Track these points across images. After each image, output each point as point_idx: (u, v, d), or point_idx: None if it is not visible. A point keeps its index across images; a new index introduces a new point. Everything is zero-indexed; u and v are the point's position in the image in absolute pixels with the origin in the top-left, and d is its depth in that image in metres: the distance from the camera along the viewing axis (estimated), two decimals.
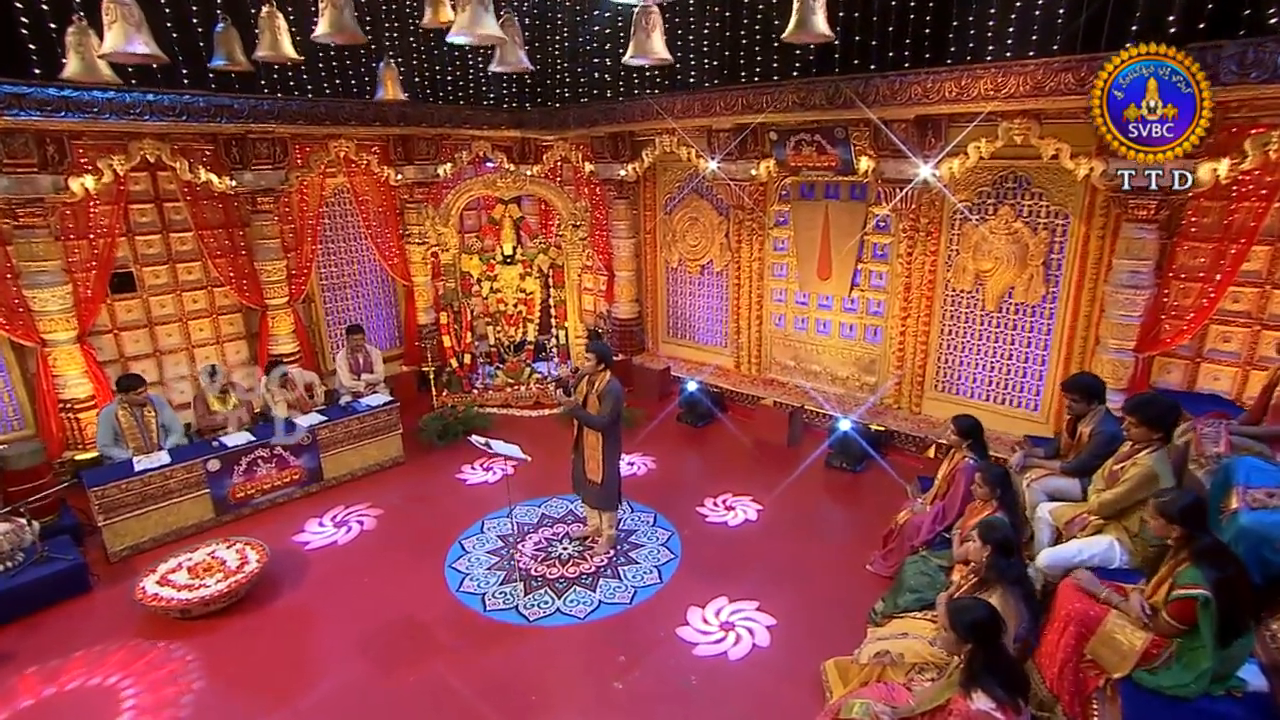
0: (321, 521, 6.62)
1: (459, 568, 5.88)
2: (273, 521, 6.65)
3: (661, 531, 6.30)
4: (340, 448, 7.30)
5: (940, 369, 7.86)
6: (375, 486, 7.28)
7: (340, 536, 6.41)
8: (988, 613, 3.29)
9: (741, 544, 6.07)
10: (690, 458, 7.98)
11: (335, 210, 9.42)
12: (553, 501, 6.88)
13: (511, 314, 9.45)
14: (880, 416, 7.96)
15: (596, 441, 5.70)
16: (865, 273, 8.21)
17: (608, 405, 5.52)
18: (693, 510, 6.59)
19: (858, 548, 5.93)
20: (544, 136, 10.29)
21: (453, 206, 8.98)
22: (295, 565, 5.98)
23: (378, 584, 5.72)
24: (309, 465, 7.09)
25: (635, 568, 5.78)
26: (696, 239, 9.63)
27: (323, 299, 9.47)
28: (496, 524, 6.53)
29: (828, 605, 5.26)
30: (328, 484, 7.25)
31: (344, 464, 7.35)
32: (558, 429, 8.54)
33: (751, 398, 8.90)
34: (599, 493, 5.82)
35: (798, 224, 8.52)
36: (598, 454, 5.72)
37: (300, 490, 7.07)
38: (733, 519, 6.48)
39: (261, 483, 6.83)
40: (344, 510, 6.81)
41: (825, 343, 8.72)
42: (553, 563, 5.89)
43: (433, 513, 6.73)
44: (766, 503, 6.72)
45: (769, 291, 9.11)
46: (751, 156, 8.31)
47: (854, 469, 7.34)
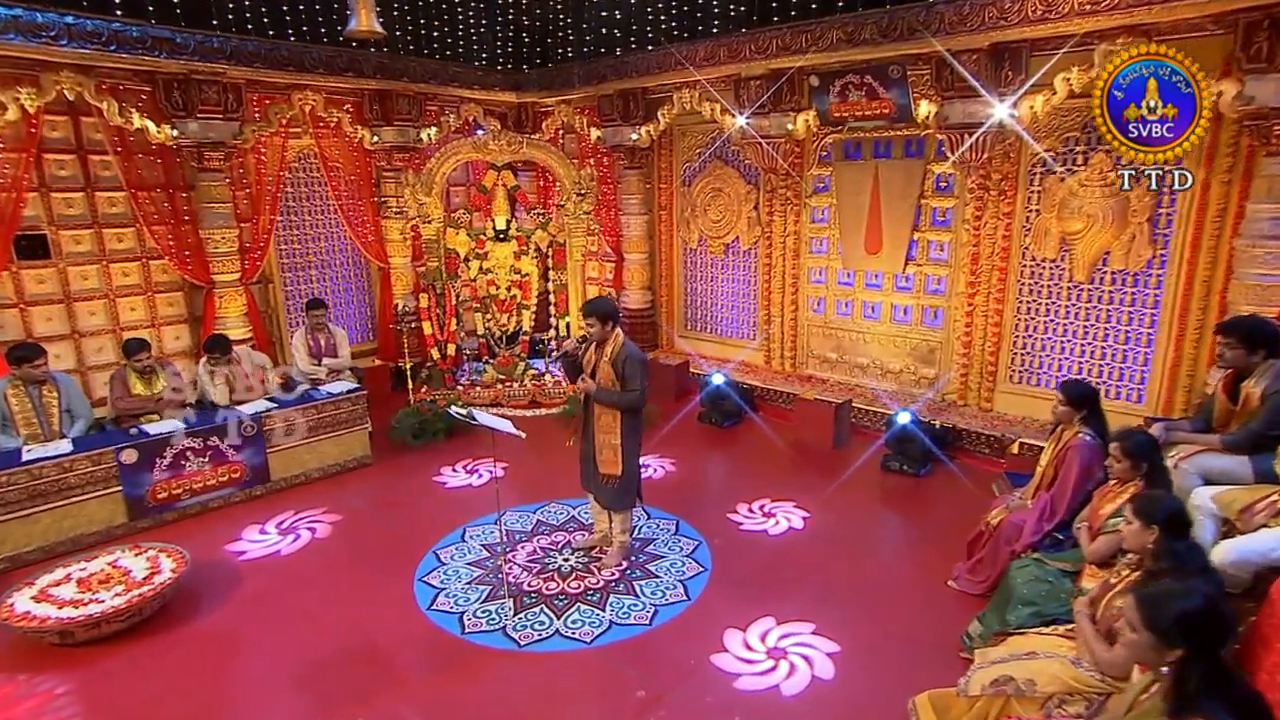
0: (264, 529, 5.84)
1: (432, 582, 5.10)
2: (203, 528, 5.86)
3: (686, 540, 5.55)
4: (292, 442, 6.50)
5: (1016, 356, 7.11)
6: (334, 489, 6.53)
7: (285, 545, 5.63)
8: (1205, 602, 2.35)
9: (786, 556, 5.36)
10: (716, 460, 7.29)
11: (299, 176, 8.77)
12: (550, 506, 6.16)
13: (504, 299, 8.75)
14: (943, 414, 7.17)
15: (613, 424, 4.91)
16: (923, 244, 7.53)
17: (634, 375, 4.75)
18: (723, 517, 5.90)
19: (932, 560, 5.21)
20: (544, 100, 9.75)
21: (437, 172, 8.30)
22: (224, 578, 5.17)
23: (328, 601, 4.92)
24: (252, 462, 6.26)
25: (655, 582, 5.01)
26: (720, 213, 9.02)
27: (282, 280, 8.74)
28: (481, 532, 5.77)
29: (903, 628, 4.51)
30: (275, 486, 6.44)
31: (296, 462, 6.54)
32: (558, 430, 7.81)
33: (787, 396, 8.15)
34: (614, 489, 5.05)
35: (841, 189, 7.89)
36: (614, 440, 4.92)
37: (241, 492, 6.25)
38: (773, 527, 5.76)
39: (191, 481, 5.97)
40: (293, 516, 6.05)
41: (874, 329, 8.01)
42: (551, 576, 5.13)
43: (403, 519, 5.99)
44: (814, 509, 5.99)
45: (806, 272, 8.46)
46: (787, 109, 7.68)
47: (916, 472, 6.58)
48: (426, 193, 8.20)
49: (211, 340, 6.64)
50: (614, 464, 4.94)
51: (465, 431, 7.53)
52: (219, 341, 6.59)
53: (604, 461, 4.97)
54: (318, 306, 7.42)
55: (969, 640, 4.21)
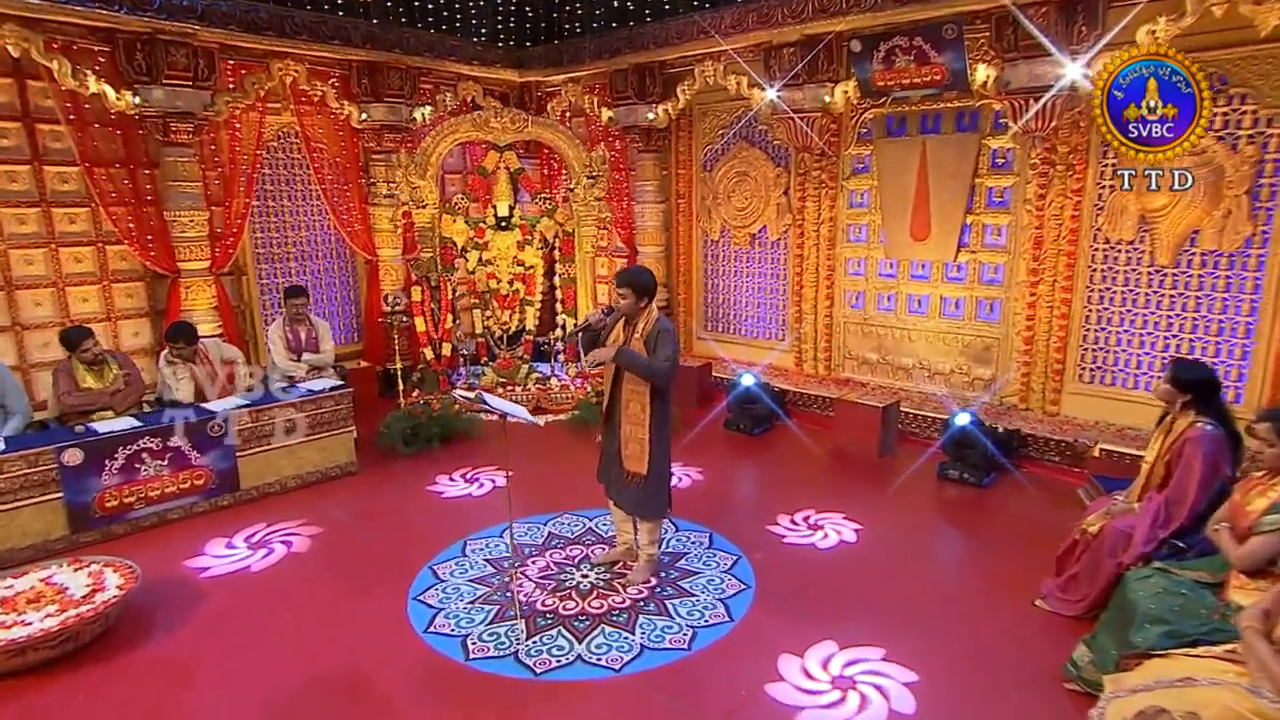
0: (231, 542, 5.35)
1: (429, 601, 4.62)
2: (160, 541, 5.34)
3: (722, 555, 5.11)
4: (266, 446, 6.01)
5: (1086, 352, 6.65)
6: (314, 499, 6.04)
7: (255, 561, 5.13)
8: None
9: (840, 572, 4.93)
10: (748, 469, 6.87)
11: (278, 157, 8.34)
12: (563, 518, 5.70)
13: (506, 293, 8.33)
14: (1003, 419, 6.67)
15: (642, 413, 4.44)
16: (976, 228, 7.12)
17: (665, 344, 4.32)
18: (763, 529, 5.48)
19: (1011, 577, 4.77)
20: (550, 78, 9.36)
21: (432, 152, 7.93)
22: (181, 597, 4.65)
23: (306, 623, 4.41)
24: (219, 467, 5.77)
25: (691, 601, 4.55)
26: (746, 199, 8.67)
27: (257, 272, 8.28)
28: (484, 545, 5.32)
29: (990, 655, 4.05)
30: (246, 495, 5.94)
31: (270, 468, 6.05)
32: (566, 437, 7.41)
33: (822, 401, 7.74)
34: (640, 491, 4.57)
35: (883, 169, 7.52)
36: (643, 431, 4.45)
37: (205, 501, 5.75)
38: (822, 541, 5.34)
39: (147, 488, 5.46)
40: (265, 529, 5.55)
41: (921, 326, 7.60)
42: (568, 594, 4.66)
43: (394, 533, 5.52)
44: (866, 521, 5.57)
45: (842, 263, 8.08)
46: (823, 80, 7.27)
47: (979, 481, 6.14)
48: (421, 175, 7.83)
49: (175, 328, 6.14)
50: (640, 460, 4.49)
51: (464, 437, 7.16)
52: (183, 330, 6.09)
53: (630, 457, 4.52)
54: (298, 294, 6.93)
55: (1075, 668, 3.78)
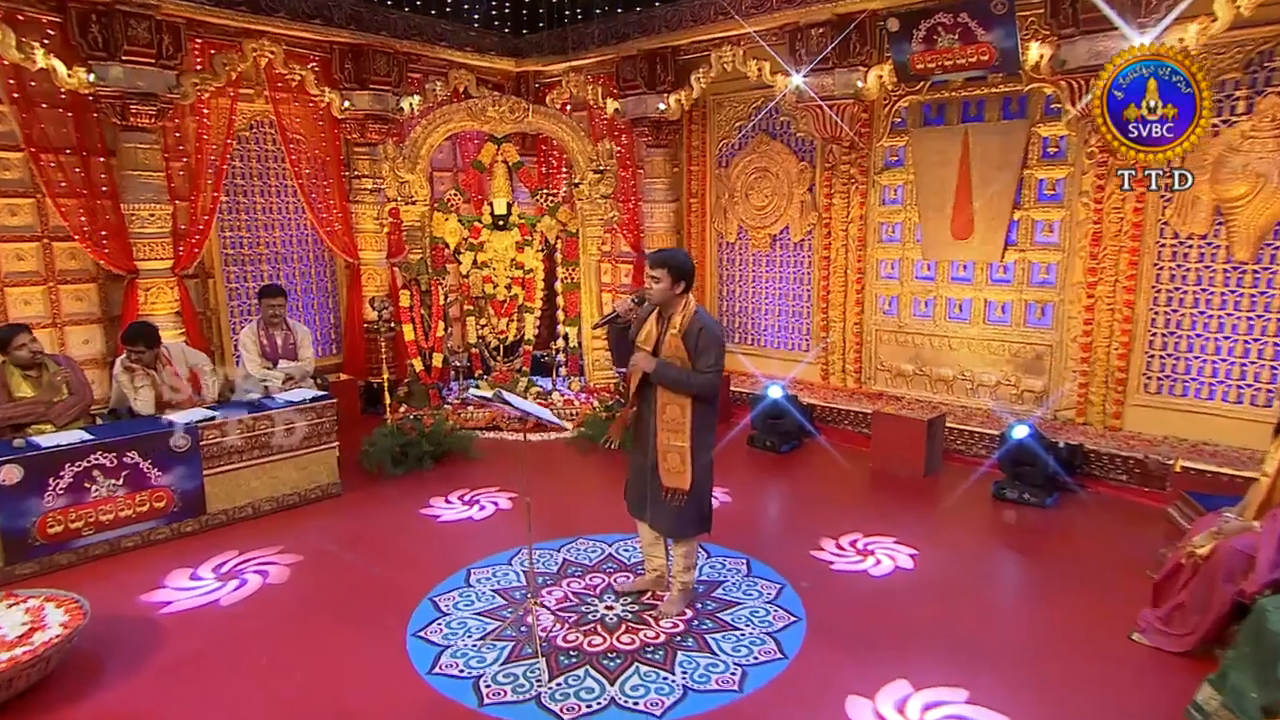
0: (197, 573, 4.94)
1: (432, 638, 4.24)
2: (112, 573, 4.93)
3: (765, 584, 4.80)
4: (237, 464, 5.62)
5: (1153, 360, 6.40)
6: (292, 525, 5.66)
7: (225, 594, 4.72)
8: None
9: (901, 602, 4.62)
10: (780, 489, 6.59)
11: (250, 149, 8.08)
12: (578, 543, 5.37)
13: (503, 299, 8.09)
14: (1059, 435, 6.42)
15: (682, 419, 4.09)
16: (1026, 225, 6.92)
17: (709, 351, 3.99)
18: (806, 555, 5.19)
19: (1098, 608, 4.46)
20: (549, 67, 9.23)
21: (423, 144, 7.69)
22: (138, 637, 4.23)
23: (287, 665, 4.01)
24: (183, 488, 5.37)
25: (735, 636, 4.22)
26: (766, 198, 8.52)
27: (225, 275, 7.96)
28: (490, 574, 4.97)
29: (1090, 697, 3.72)
30: (213, 520, 5.54)
31: (241, 489, 5.66)
32: (574, 456, 7.08)
33: (854, 416, 7.51)
34: (678, 510, 4.21)
35: (921, 162, 7.36)
36: (683, 439, 4.10)
37: (166, 527, 5.34)
38: (874, 567, 5.04)
39: (98, 511, 5.05)
40: (236, 557, 5.16)
41: (962, 333, 7.40)
42: (592, 628, 4.30)
43: (386, 561, 5.15)
44: (921, 546, 5.28)
45: (874, 265, 7.92)
46: (855, 63, 7.09)
47: (1041, 502, 5.84)
48: (410, 168, 7.60)
49: (134, 329, 5.73)
50: (682, 473, 4.13)
51: (459, 456, 6.85)
52: (143, 331, 5.69)
53: (668, 470, 4.16)
54: (275, 294, 6.55)
55: (1200, 713, 3.42)
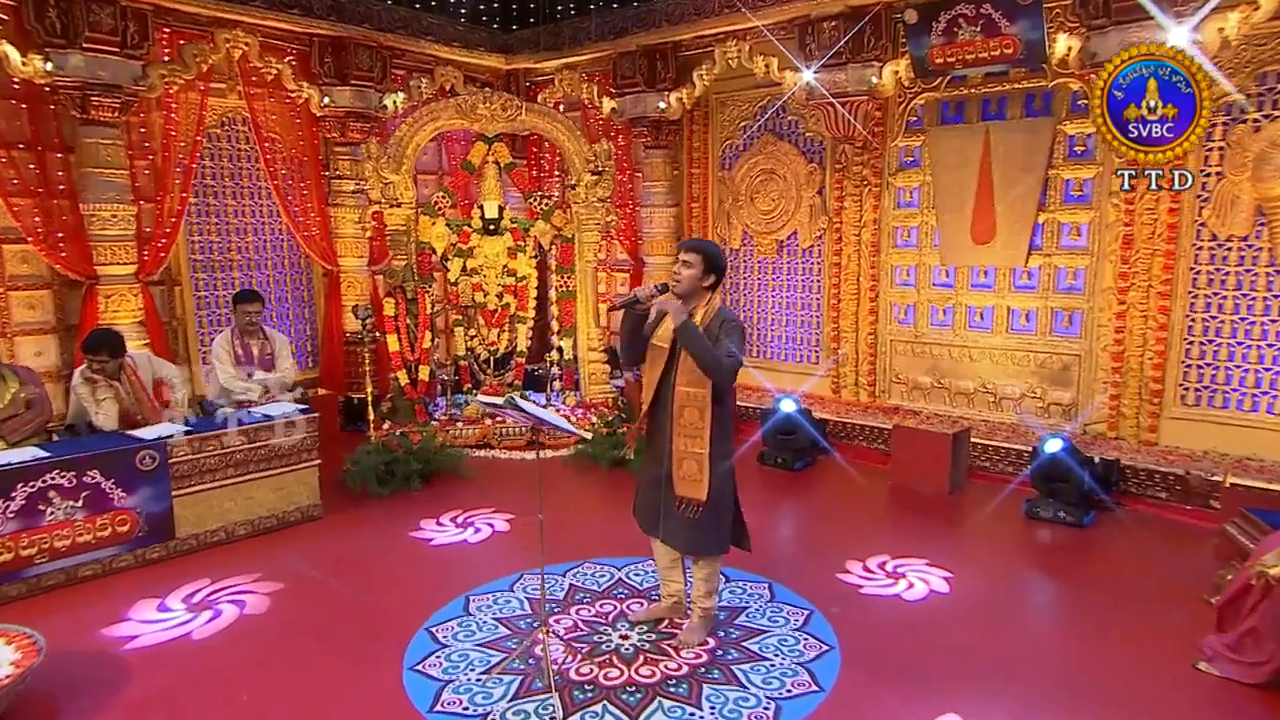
0: (165, 604, 4.70)
1: (430, 672, 4.01)
2: (70, 604, 4.69)
3: (790, 609, 4.63)
4: (210, 483, 5.40)
5: (1190, 369, 6.33)
6: (270, 549, 5.46)
7: (198, 627, 4.47)
8: None
9: (940, 629, 4.47)
10: (796, 509, 6.51)
11: (222, 147, 7.99)
12: (585, 568, 5.18)
13: (494, 309, 7.97)
14: (1091, 450, 6.33)
15: (700, 421, 3.94)
16: (1051, 228, 6.87)
17: (730, 337, 3.91)
18: (832, 578, 5.06)
19: (1155, 633, 4.35)
20: (541, 65, 9.19)
21: (409, 142, 7.57)
22: (99, 676, 3.99)
23: (269, 704, 3.78)
24: (150, 510, 5.12)
25: (764, 667, 4.03)
26: (773, 201, 8.50)
27: (193, 282, 7.84)
28: (491, 601, 4.77)
29: None
30: (182, 546, 5.30)
31: (214, 512, 5.44)
32: (572, 475, 6.92)
33: (869, 431, 7.45)
34: (693, 523, 4.01)
35: (938, 163, 7.35)
36: (701, 444, 3.94)
37: (130, 554, 5.09)
38: (907, 591, 4.91)
39: (53, 536, 4.78)
40: (209, 586, 4.92)
41: (984, 343, 7.36)
42: (607, 659, 4.10)
43: (376, 588, 4.96)
44: (955, 568, 5.15)
45: (889, 271, 7.89)
46: (870, 58, 7.04)
47: (1078, 521, 5.73)
48: (395, 169, 7.48)
49: (96, 336, 5.51)
50: (698, 482, 3.95)
51: (449, 475, 6.69)
52: (106, 338, 5.47)
53: (683, 479, 3.98)
54: (251, 300, 6.37)
55: None
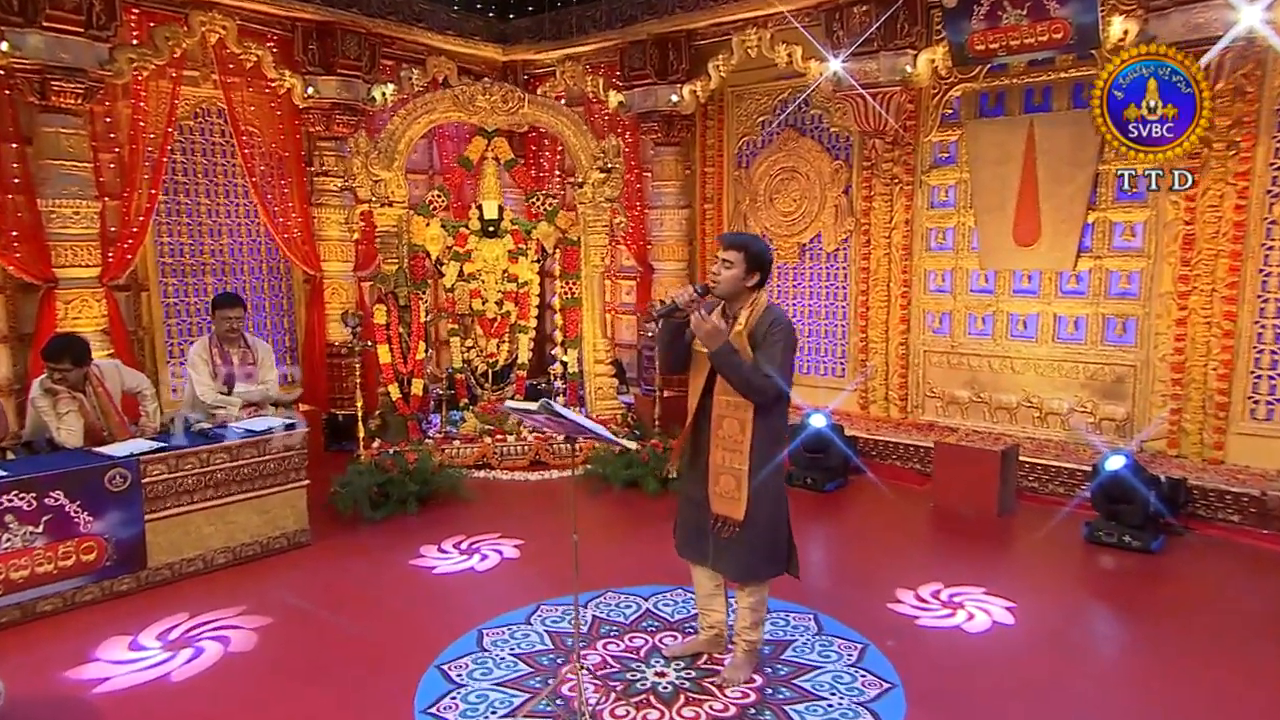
0: (138, 642, 4.53)
1: (446, 715, 3.82)
2: (29, 643, 4.51)
3: (842, 644, 4.47)
4: (187, 506, 5.24)
5: (1260, 380, 6.28)
6: (254, 579, 5.34)
7: (177, 667, 4.28)
8: None
9: (1011, 664, 4.34)
10: (833, 532, 6.47)
11: (195, 141, 7.90)
12: (607, 598, 5.02)
13: (493, 317, 7.82)
14: (1150, 468, 6.20)
15: (740, 433, 3.76)
16: (1102, 227, 6.87)
17: (777, 345, 3.68)
18: (883, 608, 4.95)
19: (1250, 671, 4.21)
20: (542, 55, 9.18)
21: (401, 137, 7.41)
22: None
23: None
24: (119, 536, 4.94)
25: (821, 708, 3.86)
26: (794, 201, 8.50)
27: (162, 288, 7.73)
28: (507, 635, 4.58)
29: None
30: (155, 575, 5.14)
31: (191, 538, 5.28)
32: (582, 497, 6.79)
33: (903, 449, 7.48)
34: (738, 544, 3.83)
35: (977, 158, 7.35)
36: (740, 459, 3.76)
37: (96, 586, 4.93)
38: (968, 623, 4.78)
39: (9, 566, 4.57)
40: (188, 621, 4.75)
41: (1028, 353, 7.35)
42: (644, 699, 3.92)
43: (376, 622, 4.82)
44: (1017, 597, 5.02)
45: (922, 277, 7.90)
46: (903, 46, 7.04)
47: (1146, 546, 5.61)
48: (386, 165, 7.31)
49: (59, 343, 5.33)
50: (735, 500, 3.77)
51: (448, 497, 6.55)
52: (70, 345, 5.29)
53: (720, 495, 3.81)
54: (232, 304, 6.18)
55: None
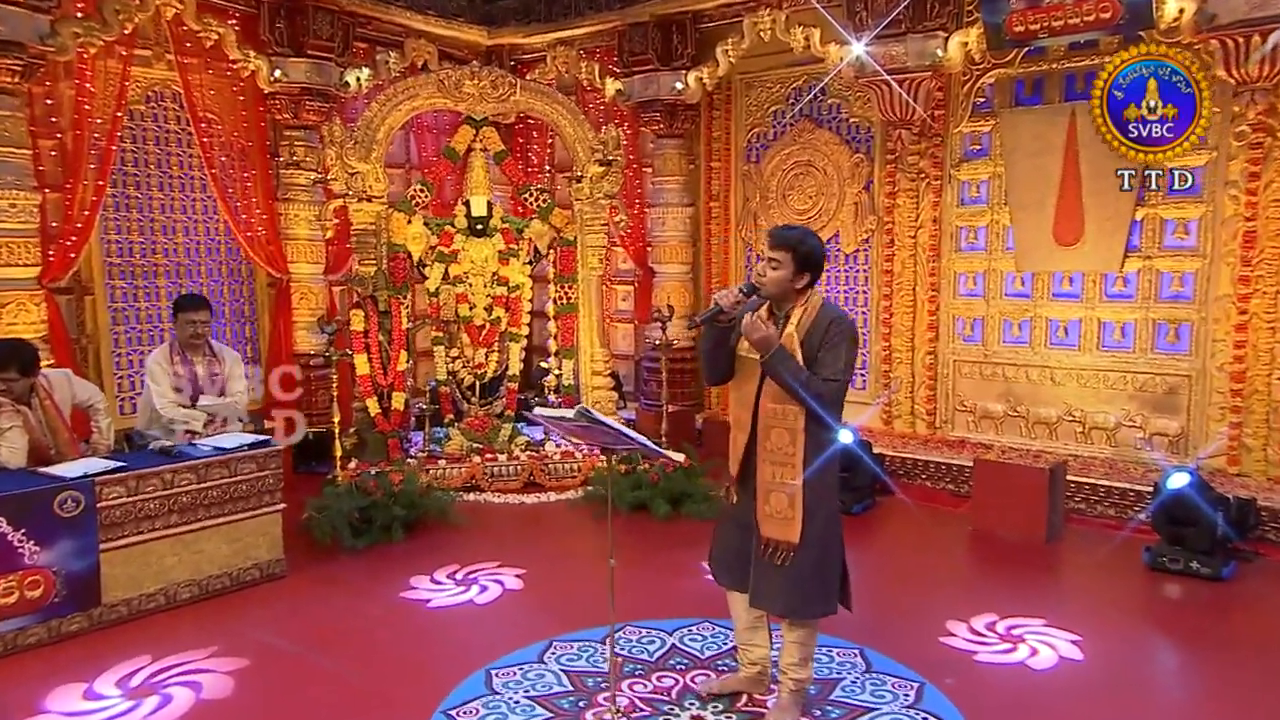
0: (94, 690, 4.36)
1: None
2: None
3: (896, 682, 4.37)
4: (147, 534, 5.07)
5: None
6: (224, 617, 5.19)
7: (143, 716, 4.08)
8: None
9: (1087, 706, 4.27)
10: (870, 560, 6.28)
11: (147, 128, 7.76)
12: (628, 632, 4.87)
13: (481, 324, 7.77)
14: None
15: (792, 446, 3.60)
16: (1152, 224, 6.81)
17: (837, 348, 3.56)
18: (935, 642, 4.88)
19: None
20: (531, 40, 9.20)
21: (380, 125, 7.36)
22: None
23: None
24: (70, 569, 4.77)
25: None
26: (809, 198, 8.52)
27: (108, 291, 7.56)
28: (518, 676, 4.43)
29: None
30: (110, 613, 4.96)
31: (151, 570, 5.11)
32: (586, 523, 6.81)
33: (934, 468, 7.59)
34: (790, 573, 3.65)
35: (1013, 150, 7.33)
36: (793, 473, 3.60)
37: (42, 625, 4.74)
38: (1032, 659, 4.70)
39: None
40: (151, 665, 4.57)
41: (1070, 363, 7.34)
42: None
43: (368, 663, 4.68)
44: (1082, 630, 4.94)
45: (952, 280, 7.88)
46: (933, 28, 7.06)
47: (1217, 573, 5.55)
48: (363, 156, 7.25)
49: (2, 349, 5.04)
50: (789, 521, 3.60)
51: (437, 522, 6.43)
52: (15, 351, 5.01)
53: (770, 516, 3.64)
54: (196, 307, 5.95)
55: None
